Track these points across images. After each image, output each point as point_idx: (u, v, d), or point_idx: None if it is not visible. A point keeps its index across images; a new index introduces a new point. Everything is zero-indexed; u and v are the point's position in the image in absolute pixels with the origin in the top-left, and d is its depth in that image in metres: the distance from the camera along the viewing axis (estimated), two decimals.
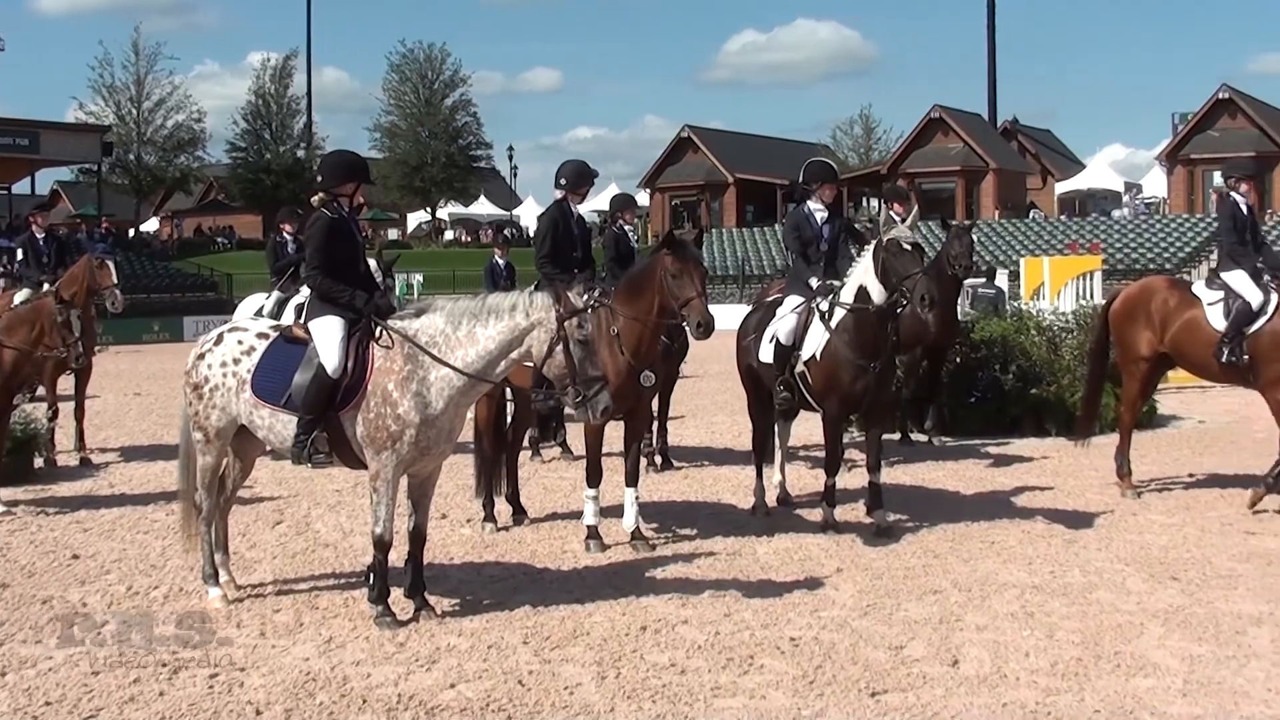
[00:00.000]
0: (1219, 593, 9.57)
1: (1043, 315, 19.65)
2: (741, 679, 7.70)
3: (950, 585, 9.74)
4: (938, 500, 13.14)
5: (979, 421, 17.56)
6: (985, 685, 7.56)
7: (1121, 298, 13.86)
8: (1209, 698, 7.36)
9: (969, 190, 79.97)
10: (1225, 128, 76.64)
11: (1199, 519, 12.20)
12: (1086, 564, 10.41)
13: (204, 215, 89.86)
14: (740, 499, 13.09)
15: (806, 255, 12.52)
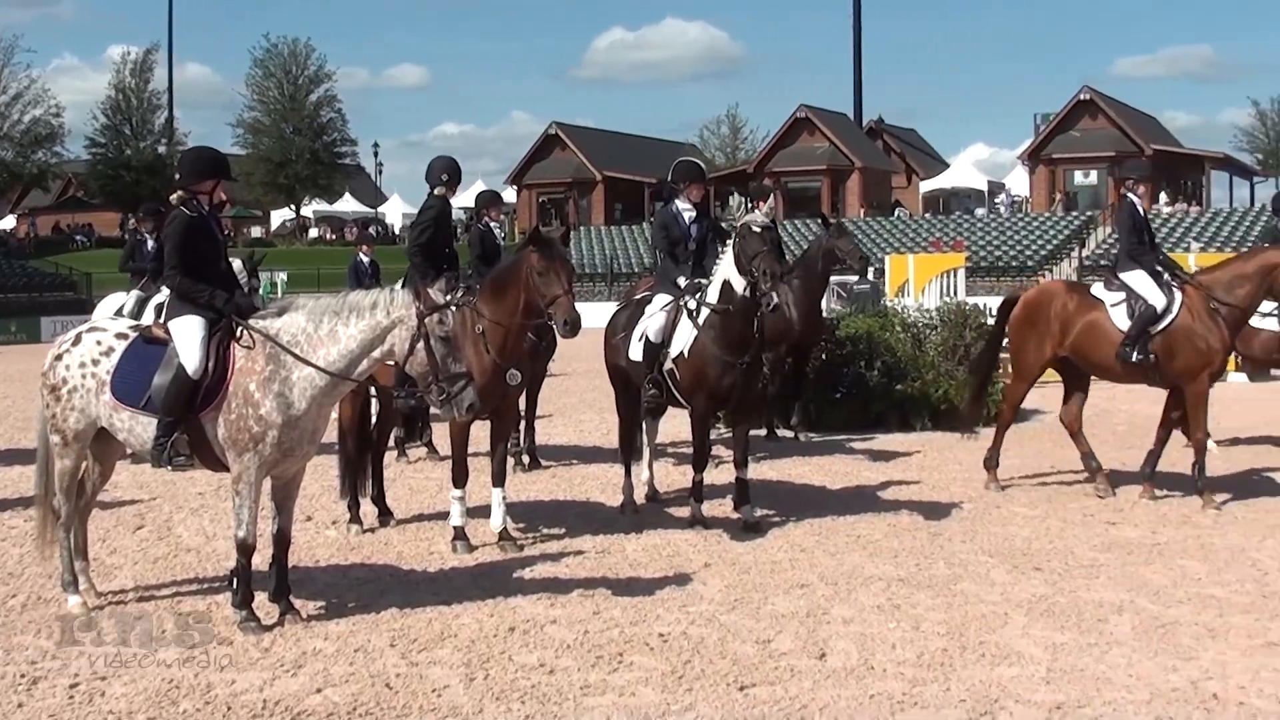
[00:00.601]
0: (1081, 582, 9.73)
1: (907, 312, 19.85)
2: (611, 677, 7.69)
3: (817, 579, 9.81)
4: (804, 495, 13.23)
5: (845, 417, 17.72)
6: (852, 677, 7.62)
7: (1021, 303, 13.84)
8: (1072, 685, 7.47)
9: (835, 189, 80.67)
10: (1086, 128, 78.05)
11: (1061, 511, 12.40)
12: (951, 556, 10.54)
13: (62, 213, 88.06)
14: (608, 497, 13.08)
15: (674, 254, 12.54)
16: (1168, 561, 10.41)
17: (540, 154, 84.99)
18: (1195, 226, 66.02)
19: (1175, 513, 12.32)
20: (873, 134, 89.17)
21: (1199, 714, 7.06)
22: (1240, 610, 9.00)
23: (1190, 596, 9.35)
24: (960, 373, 18.29)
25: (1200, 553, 10.70)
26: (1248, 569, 10.17)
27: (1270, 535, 11.33)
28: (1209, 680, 7.55)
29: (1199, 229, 64.90)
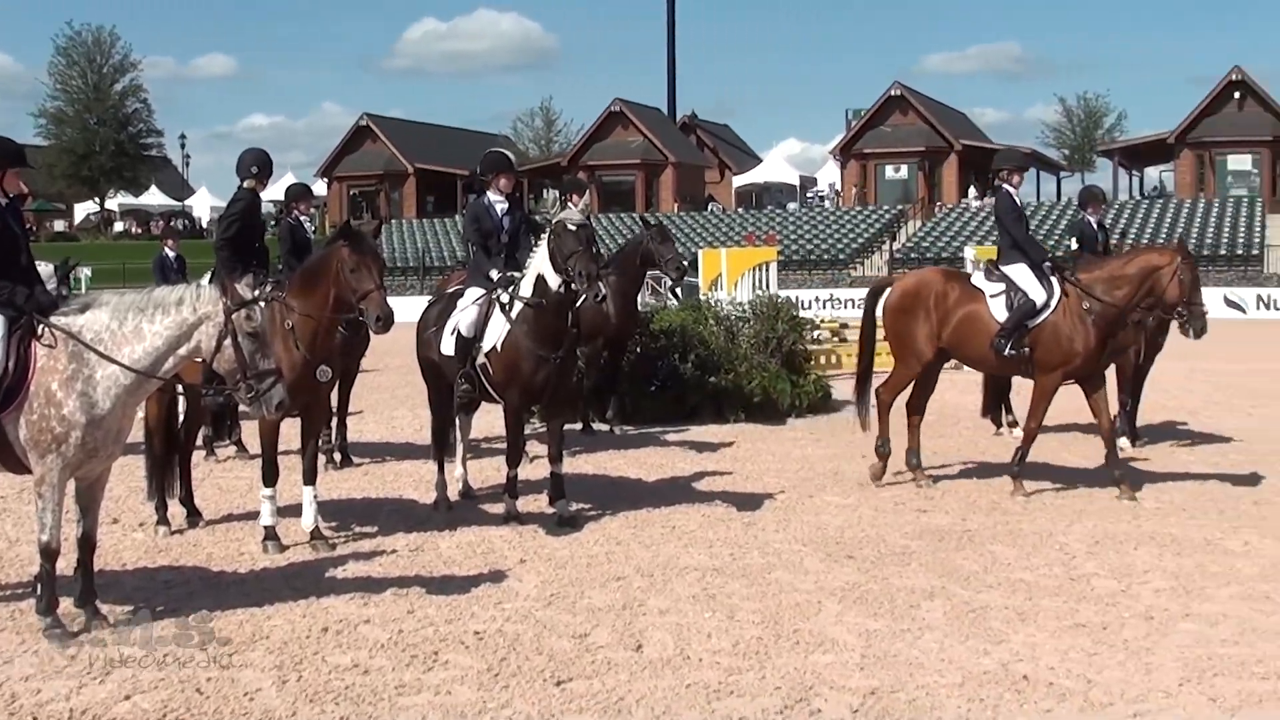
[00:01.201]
0: (893, 569, 9.86)
1: (720, 305, 19.97)
2: (426, 676, 7.61)
3: (633, 571, 9.81)
4: (620, 488, 13.24)
5: (659, 409, 17.77)
6: (669, 668, 7.63)
7: (899, 291, 13.71)
8: (885, 670, 7.56)
9: (649, 183, 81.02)
10: (897, 123, 79.36)
11: (873, 499, 12.57)
12: (765, 545, 10.61)
13: None
14: (422, 494, 12.97)
15: (487, 247, 12.46)
16: (978, 547, 10.60)
17: (351, 146, 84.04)
18: None
19: (985, 499, 12.56)
20: (686, 129, 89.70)
21: (1010, 695, 7.18)
22: (1049, 593, 9.20)
23: (1000, 581, 9.53)
24: (773, 365, 18.47)
25: (1009, 538, 10.92)
26: (1056, 553, 10.40)
27: (1077, 520, 11.60)
28: (1019, 662, 7.70)
29: None
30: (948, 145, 78.77)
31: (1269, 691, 7.26)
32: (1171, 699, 7.15)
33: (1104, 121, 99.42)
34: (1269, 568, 9.94)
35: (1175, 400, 19.73)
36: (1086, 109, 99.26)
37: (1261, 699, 7.15)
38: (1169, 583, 9.50)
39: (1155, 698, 7.17)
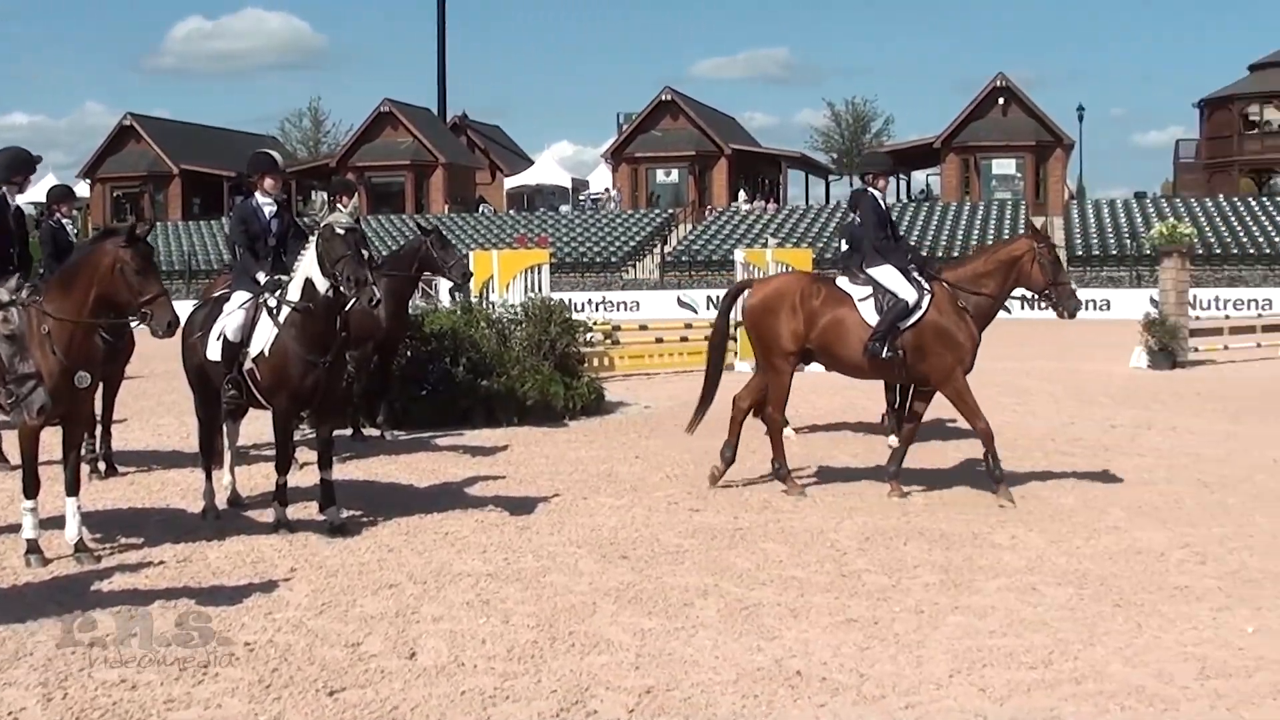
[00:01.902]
0: (667, 568, 9.90)
1: (492, 308, 19.90)
2: (196, 689, 7.40)
3: (406, 578, 9.69)
4: (391, 494, 13.08)
5: (431, 414, 17.62)
6: (443, 675, 7.54)
7: (761, 295, 13.33)
8: (660, 669, 7.58)
9: (418, 184, 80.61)
10: (667, 128, 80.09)
11: (646, 499, 12.61)
12: (540, 549, 10.57)
13: None
14: (189, 503, 12.65)
15: (254, 250, 12.22)
16: (750, 545, 10.70)
17: (114, 146, 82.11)
18: (773, 223, 68.49)
19: (756, 498, 12.69)
20: (457, 129, 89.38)
21: (783, 691, 7.25)
22: (821, 590, 9.32)
23: (773, 578, 9.63)
24: (546, 367, 18.45)
25: (781, 536, 11.04)
26: (827, 550, 10.54)
27: (848, 517, 11.78)
28: (792, 658, 7.77)
29: (776, 225, 67.36)
30: (718, 149, 79.74)
31: (1037, 680, 7.44)
32: (942, 690, 7.29)
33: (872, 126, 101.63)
34: (1035, 560, 10.21)
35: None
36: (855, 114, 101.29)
37: (1029, 688, 7.32)
38: (938, 577, 9.70)
39: (926, 689, 7.30)
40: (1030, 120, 76.70)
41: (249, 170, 12.59)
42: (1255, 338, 31.70)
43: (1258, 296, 51.82)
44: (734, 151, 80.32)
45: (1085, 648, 8.02)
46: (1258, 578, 9.72)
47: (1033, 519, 11.73)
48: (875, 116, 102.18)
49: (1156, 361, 27.55)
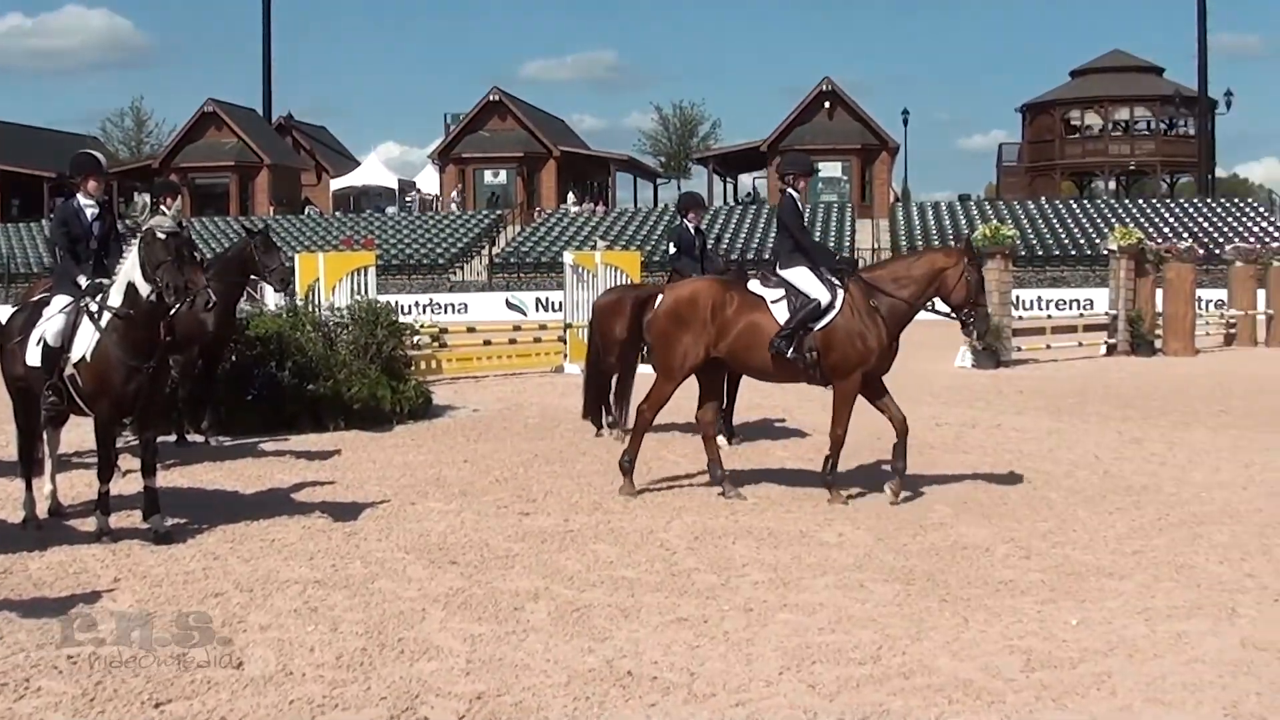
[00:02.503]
0: (497, 572, 9.86)
1: (318, 311, 19.69)
2: (17, 705, 7.20)
3: (232, 586, 9.53)
4: (217, 501, 12.86)
5: (257, 419, 17.35)
6: (271, 684, 7.43)
7: (670, 301, 13.00)
8: (491, 674, 7.54)
9: (243, 186, 79.66)
10: (495, 129, 80.00)
11: (475, 504, 12.54)
12: (368, 555, 10.47)
13: None
14: (9, 513, 12.30)
15: (75, 252, 11.95)
16: (580, 547, 10.70)
17: None
18: (602, 225, 68.68)
19: (587, 500, 12.69)
20: (282, 130, 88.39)
21: (615, 691, 7.25)
22: (651, 589, 9.34)
23: (603, 579, 9.64)
24: (373, 371, 18.29)
25: (611, 536, 11.06)
26: (657, 549, 10.58)
27: (677, 516, 11.83)
28: (623, 658, 7.78)
29: (605, 228, 67.55)
30: (546, 151, 79.83)
31: (865, 676, 7.52)
32: (772, 687, 7.34)
33: (699, 130, 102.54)
34: (862, 557, 10.34)
35: (770, 399, 20.32)
36: (682, 117, 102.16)
37: (858, 683, 7.40)
38: (767, 575, 9.78)
39: (756, 687, 7.34)
40: (856, 124, 77.93)
41: (71, 171, 12.32)
42: (1077, 337, 32.53)
43: (1079, 297, 53.12)
44: (563, 153, 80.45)
45: (913, 643, 8.13)
46: (1080, 571, 9.94)
47: (860, 517, 11.89)
48: (703, 120, 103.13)
49: (980, 361, 28.08)
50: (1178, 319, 33.40)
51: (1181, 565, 10.14)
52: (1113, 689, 7.33)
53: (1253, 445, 16.52)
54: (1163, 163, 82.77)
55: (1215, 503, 12.67)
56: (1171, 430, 18.03)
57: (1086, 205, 71.00)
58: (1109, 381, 25.58)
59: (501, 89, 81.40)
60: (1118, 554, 10.51)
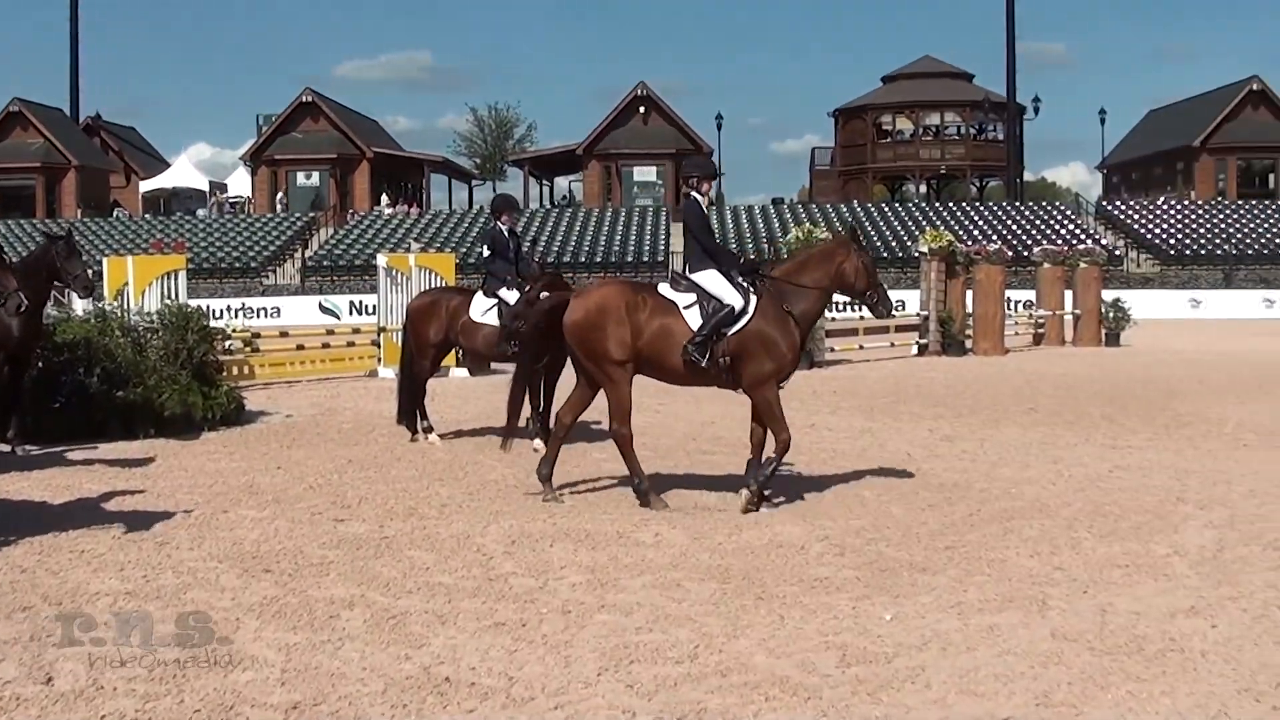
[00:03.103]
0: (312, 580, 9.73)
1: (128, 316, 19.29)
2: None
3: (40, 600, 9.27)
4: (23, 512, 12.50)
5: (65, 427, 16.93)
6: (82, 699, 7.24)
7: (582, 311, 12.60)
8: (307, 683, 7.43)
9: (50, 188, 77.95)
10: (308, 130, 79.24)
11: (289, 511, 12.37)
12: (180, 565, 10.26)
13: None
14: None
15: None
16: (396, 554, 10.60)
17: None
18: (416, 227, 68.33)
19: (402, 506, 12.58)
20: (90, 131, 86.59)
21: (433, 698, 7.20)
22: (468, 595, 9.29)
23: (419, 585, 9.56)
24: (184, 377, 17.98)
25: (427, 543, 10.97)
26: (474, 555, 10.52)
27: (494, 520, 11.78)
28: (441, 665, 7.73)
29: (419, 230, 67.21)
30: (360, 152, 79.26)
31: (683, 674, 7.56)
32: (591, 689, 7.34)
33: (515, 132, 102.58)
34: (679, 557, 10.39)
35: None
36: (497, 119, 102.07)
37: (676, 682, 7.43)
38: (585, 576, 9.78)
39: (575, 689, 7.34)
40: (670, 128, 78.63)
41: None
42: (889, 337, 33.10)
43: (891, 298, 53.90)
44: (376, 155, 79.97)
45: (729, 640, 8.19)
46: (894, 567, 10.09)
47: (676, 517, 11.95)
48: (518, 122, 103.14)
49: None
50: (987, 319, 34.15)
51: (993, 560, 10.36)
52: (927, 682, 7.45)
53: (1060, 442, 16.96)
54: (972, 167, 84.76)
55: (1025, 498, 12.98)
56: (982, 428, 18.43)
57: (898, 208, 72.47)
58: (921, 381, 26.07)
59: (314, 89, 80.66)
60: (931, 550, 10.70)
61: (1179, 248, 67.54)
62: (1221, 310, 57.87)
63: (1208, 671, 7.64)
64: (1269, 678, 7.50)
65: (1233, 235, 67.85)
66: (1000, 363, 31.51)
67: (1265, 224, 70.08)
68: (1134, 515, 12.11)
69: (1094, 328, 38.18)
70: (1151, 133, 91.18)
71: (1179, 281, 64.12)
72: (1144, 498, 12.96)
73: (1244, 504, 12.68)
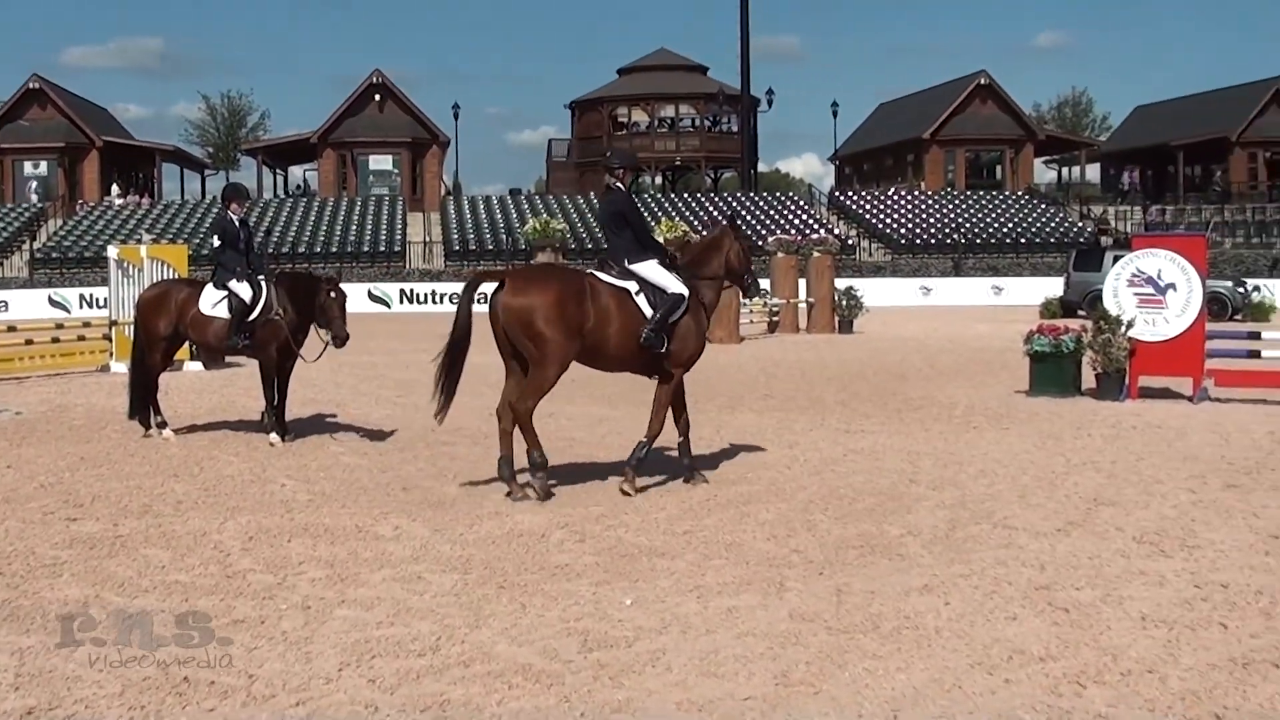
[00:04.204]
0: (44, 582, 9.44)
1: None
2: None
3: None
4: None
5: None
6: None
7: (537, 291, 12.42)
8: (42, 687, 7.22)
9: None
10: (36, 118, 76.79)
11: (20, 511, 11.98)
12: None
13: None
14: None
15: None
16: (131, 552, 10.35)
17: None
18: (148, 218, 66.75)
19: (136, 503, 12.30)
20: None
21: (172, 699, 7.02)
22: (206, 592, 9.11)
23: (156, 584, 9.35)
24: None
25: (163, 540, 10.74)
26: (211, 552, 10.33)
27: (231, 517, 11.59)
28: (179, 664, 7.56)
29: (151, 221, 65.67)
30: (89, 141, 77.05)
31: (425, 667, 7.54)
32: (332, 684, 7.27)
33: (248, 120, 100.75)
34: (419, 549, 10.36)
35: (324, 394, 20.18)
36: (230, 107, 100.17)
37: (419, 675, 7.41)
38: (324, 572, 9.68)
39: (317, 685, 7.26)
40: (406, 117, 78.07)
41: None
42: None
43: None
44: (106, 143, 77.80)
45: (472, 631, 8.19)
46: (633, 552, 10.20)
47: (416, 509, 11.91)
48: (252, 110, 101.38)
49: None
50: (723, 308, 34.62)
51: (731, 543, 10.53)
52: (668, 665, 7.54)
53: (795, 427, 17.32)
54: (707, 158, 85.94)
55: (761, 482, 13.22)
56: (718, 414, 18.70)
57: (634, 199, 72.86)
58: None
59: (42, 76, 78.07)
60: (669, 534, 10.85)
61: (909, 237, 69.39)
62: (951, 297, 59.60)
63: (941, 647, 7.87)
64: (1000, 651, 7.76)
65: (962, 225, 69.96)
66: (735, 350, 32.00)
67: (993, 214, 72.47)
68: (868, 497, 12.43)
69: (827, 315, 39.02)
70: (883, 125, 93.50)
71: (910, 270, 65.96)
72: (877, 480, 13.32)
73: (974, 484, 13.10)
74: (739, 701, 6.99)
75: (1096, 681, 7.27)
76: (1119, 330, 19.66)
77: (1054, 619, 8.43)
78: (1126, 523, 11.22)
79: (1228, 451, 14.91)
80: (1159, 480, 13.17)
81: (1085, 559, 9.96)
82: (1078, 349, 20.28)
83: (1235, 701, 6.99)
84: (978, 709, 6.88)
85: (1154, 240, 22.82)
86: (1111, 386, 19.82)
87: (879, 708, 6.91)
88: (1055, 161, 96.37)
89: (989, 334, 36.29)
